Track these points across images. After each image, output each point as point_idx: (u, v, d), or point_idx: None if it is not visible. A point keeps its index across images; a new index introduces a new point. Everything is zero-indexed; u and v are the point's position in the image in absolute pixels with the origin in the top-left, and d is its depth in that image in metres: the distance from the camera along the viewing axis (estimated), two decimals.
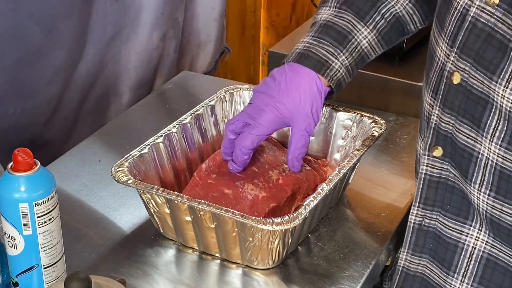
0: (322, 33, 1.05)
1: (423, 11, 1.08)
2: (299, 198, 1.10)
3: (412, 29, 1.10)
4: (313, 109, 1.03)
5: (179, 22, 1.61)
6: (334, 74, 1.04)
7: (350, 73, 1.07)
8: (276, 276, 1.01)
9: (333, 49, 1.04)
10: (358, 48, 1.06)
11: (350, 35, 1.05)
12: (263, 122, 1.03)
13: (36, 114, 1.35)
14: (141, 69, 1.56)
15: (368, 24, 1.05)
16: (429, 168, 0.95)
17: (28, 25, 1.24)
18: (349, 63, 1.05)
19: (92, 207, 1.15)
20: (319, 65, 1.03)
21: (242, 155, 1.05)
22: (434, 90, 0.94)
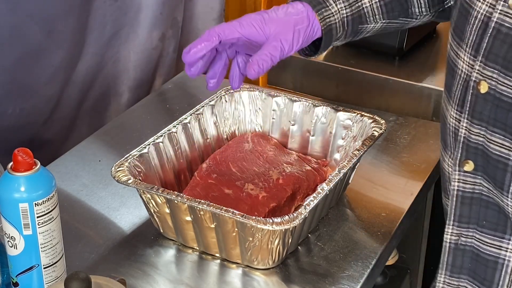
0: None
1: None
2: (299, 198, 1.10)
3: (416, 13, 1.06)
4: (296, 27, 0.96)
5: (178, 22, 1.61)
6: (327, 16, 0.99)
7: (344, 27, 1.01)
8: (276, 276, 1.01)
9: None
10: (359, 3, 1.02)
11: None
12: (245, 20, 0.96)
13: (35, 113, 1.35)
14: (140, 69, 1.55)
15: None
16: (461, 184, 0.92)
17: (27, 25, 1.24)
18: (346, 15, 1.01)
19: (92, 207, 1.15)
20: (315, 1, 0.99)
21: (206, 36, 0.93)
22: (459, 103, 0.91)
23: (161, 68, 1.61)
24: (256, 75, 0.93)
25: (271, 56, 0.94)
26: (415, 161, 1.26)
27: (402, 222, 1.12)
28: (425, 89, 1.49)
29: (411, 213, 1.18)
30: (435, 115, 1.49)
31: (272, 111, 1.22)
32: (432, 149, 1.29)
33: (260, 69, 0.93)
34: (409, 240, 1.39)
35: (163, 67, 1.61)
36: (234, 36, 0.95)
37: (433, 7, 1.06)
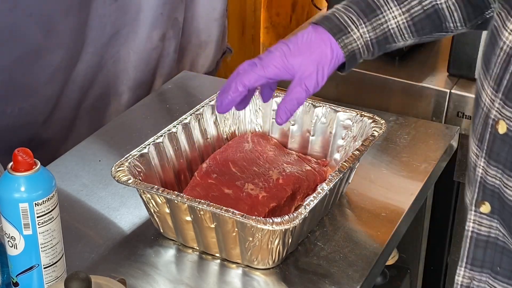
0: (353, 2, 1.00)
1: (466, 12, 1.00)
2: (299, 197, 1.10)
3: (452, 28, 1.01)
4: (320, 65, 0.97)
5: (179, 22, 1.61)
6: (349, 43, 0.98)
7: (370, 49, 1.00)
8: (276, 276, 1.01)
9: (356, 18, 0.98)
10: (384, 26, 0.99)
11: (378, 10, 0.98)
12: (268, 63, 0.98)
13: (34, 113, 1.34)
14: (140, 69, 1.55)
15: (402, 5, 0.98)
16: (476, 225, 0.86)
17: (26, 25, 1.24)
18: (370, 38, 0.99)
19: (92, 207, 1.15)
20: (336, 28, 0.98)
21: (234, 90, 0.97)
22: (479, 138, 0.85)
23: (161, 68, 1.61)
24: (285, 122, 0.98)
25: (297, 101, 0.97)
26: (415, 161, 1.26)
27: (402, 222, 1.12)
28: (425, 89, 1.49)
29: (411, 213, 1.18)
30: (435, 115, 1.49)
31: (272, 111, 1.22)
32: (432, 149, 1.30)
33: (288, 115, 0.98)
34: (409, 240, 1.39)
35: (163, 67, 1.61)
36: (260, 83, 0.99)
37: (469, 21, 1.01)
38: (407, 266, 1.46)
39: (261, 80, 0.98)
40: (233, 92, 0.98)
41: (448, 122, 1.48)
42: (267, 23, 2.16)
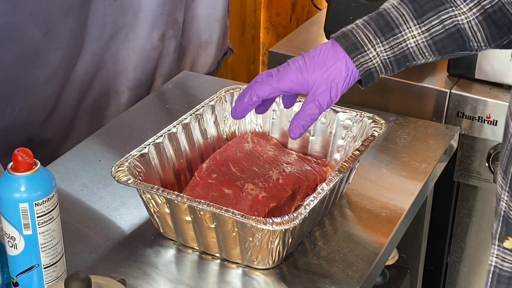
0: (372, 19, 0.99)
1: (490, 32, 0.97)
2: (299, 198, 1.09)
3: (475, 47, 0.99)
4: (333, 82, 0.98)
5: (179, 22, 1.61)
6: (365, 62, 0.98)
7: (388, 67, 0.99)
8: (276, 276, 1.01)
9: (373, 37, 0.98)
10: (402, 45, 0.98)
11: (397, 29, 0.97)
12: (283, 75, 0.99)
13: (34, 113, 1.34)
14: (139, 69, 1.55)
15: (423, 24, 0.97)
16: (500, 260, 0.85)
17: (26, 25, 1.24)
18: (388, 57, 0.98)
19: (92, 207, 1.15)
20: (352, 47, 0.98)
21: (248, 98, 1.00)
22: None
23: (161, 68, 1.61)
24: (299, 137, 1.01)
25: (310, 117, 0.99)
26: (415, 161, 1.26)
27: (402, 222, 1.12)
28: (425, 89, 1.49)
29: (411, 213, 1.18)
30: (435, 115, 1.49)
31: (272, 111, 1.22)
32: (432, 149, 1.29)
33: (302, 131, 1.00)
34: (409, 240, 1.39)
35: (163, 68, 1.61)
36: (275, 95, 1.01)
37: (494, 42, 0.99)
38: (407, 266, 1.46)
39: (276, 93, 1.00)
40: (247, 101, 1.01)
41: (448, 122, 1.48)
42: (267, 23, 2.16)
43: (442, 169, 1.32)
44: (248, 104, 1.01)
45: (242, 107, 1.02)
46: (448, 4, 0.97)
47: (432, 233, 1.51)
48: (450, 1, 0.97)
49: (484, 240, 1.59)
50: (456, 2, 0.96)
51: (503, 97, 1.44)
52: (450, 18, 0.97)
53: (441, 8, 0.97)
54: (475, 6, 0.96)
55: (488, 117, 1.44)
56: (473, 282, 1.64)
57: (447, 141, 1.33)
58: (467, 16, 0.96)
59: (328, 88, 0.98)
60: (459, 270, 1.64)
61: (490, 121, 1.44)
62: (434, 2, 0.97)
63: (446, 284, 1.67)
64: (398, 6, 0.98)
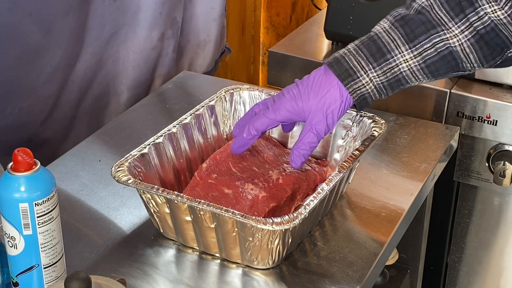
0: (364, 44, 1.00)
1: (483, 54, 0.98)
2: (299, 198, 1.09)
3: (469, 68, 1.00)
4: (329, 110, 1.00)
5: (178, 22, 1.61)
6: (358, 88, 1.00)
7: (382, 92, 1.01)
8: (276, 276, 1.01)
9: (365, 63, 0.99)
10: (395, 70, 0.99)
11: (389, 54, 0.99)
12: (279, 107, 1.02)
13: (33, 113, 1.34)
14: (139, 69, 1.55)
15: (414, 48, 0.98)
16: None
17: (25, 24, 1.24)
18: (381, 82, 1.00)
19: (92, 207, 1.15)
20: (345, 74, 1.00)
21: (247, 133, 1.04)
22: None
23: (160, 68, 1.61)
24: (300, 166, 1.05)
25: (310, 145, 1.02)
26: (415, 161, 1.26)
27: (402, 222, 1.12)
28: (425, 89, 1.49)
29: (411, 213, 1.18)
30: (435, 115, 1.49)
31: None
32: (432, 149, 1.29)
33: (303, 160, 1.04)
34: (409, 240, 1.39)
35: (162, 67, 1.61)
36: (272, 127, 1.05)
37: (487, 62, 1.00)
38: (407, 266, 1.46)
39: (274, 124, 1.04)
40: (246, 136, 1.05)
41: (448, 122, 1.48)
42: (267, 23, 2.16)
43: (442, 169, 1.32)
44: (247, 139, 1.05)
45: (242, 142, 1.06)
46: (439, 27, 0.97)
47: (432, 233, 1.51)
48: (442, 24, 0.97)
49: (484, 240, 1.59)
50: (448, 25, 0.97)
51: (503, 97, 1.44)
52: (442, 41, 0.97)
53: (433, 31, 0.97)
54: (467, 28, 0.96)
55: (488, 117, 1.44)
56: (473, 282, 1.64)
57: (447, 141, 1.33)
58: (459, 38, 0.97)
59: (324, 117, 1.01)
60: (459, 270, 1.64)
61: (490, 121, 1.44)
62: (426, 25, 0.98)
63: (446, 284, 1.67)
64: (389, 30, 0.99)
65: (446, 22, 0.97)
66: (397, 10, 1.01)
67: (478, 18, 0.96)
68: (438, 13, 0.97)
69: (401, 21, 0.99)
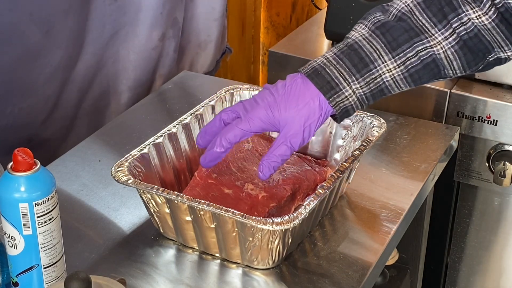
0: (344, 54, 0.96)
1: (466, 60, 0.96)
2: (299, 198, 1.09)
3: (450, 74, 0.98)
4: (307, 123, 0.96)
5: (179, 22, 1.61)
6: (341, 101, 0.96)
7: (364, 103, 0.97)
8: (276, 276, 1.01)
9: (348, 75, 0.95)
10: (378, 80, 0.96)
11: (372, 65, 0.95)
12: (252, 116, 0.96)
13: (33, 113, 1.34)
14: (140, 69, 1.55)
15: (398, 57, 0.95)
16: None
17: (26, 24, 1.24)
18: (364, 93, 0.96)
19: (92, 207, 1.15)
20: (328, 86, 0.95)
21: (219, 146, 0.97)
22: None
23: (161, 68, 1.61)
24: (268, 177, 0.97)
25: (281, 158, 0.96)
26: (415, 161, 1.26)
27: (402, 222, 1.12)
28: (425, 89, 1.49)
29: (411, 213, 1.18)
30: (435, 115, 1.49)
31: None
32: (432, 149, 1.30)
33: (272, 172, 0.97)
34: (409, 240, 1.39)
35: (163, 67, 1.61)
36: (245, 137, 0.98)
37: (470, 68, 0.98)
38: (407, 266, 1.46)
39: (248, 135, 0.97)
40: (218, 148, 0.97)
41: (448, 122, 1.48)
42: (267, 23, 2.16)
43: (442, 169, 1.32)
44: (219, 152, 0.98)
45: (213, 155, 0.98)
46: (422, 35, 0.95)
47: (432, 233, 1.51)
48: (424, 31, 0.95)
49: (484, 240, 1.59)
50: (431, 32, 0.95)
51: (503, 97, 1.44)
52: (425, 49, 0.95)
53: (416, 39, 0.95)
54: (450, 35, 0.94)
55: (488, 117, 1.44)
56: (473, 282, 1.64)
57: (447, 141, 1.33)
58: (442, 46, 0.95)
59: (301, 130, 0.96)
60: (459, 270, 1.64)
61: (490, 121, 1.45)
62: (409, 33, 0.95)
63: (446, 284, 1.67)
64: (370, 38, 0.96)
65: (429, 29, 0.95)
66: (374, 15, 0.97)
67: (461, 23, 0.94)
68: (420, 20, 0.95)
69: (382, 28, 0.95)
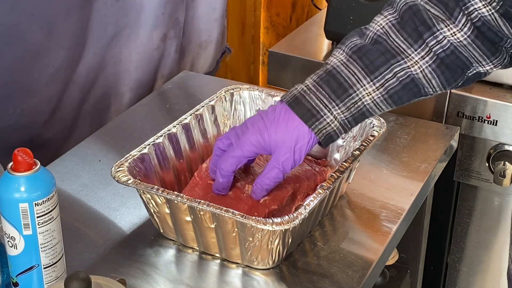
0: (323, 81, 0.97)
1: (445, 77, 0.96)
2: (299, 197, 1.10)
3: (431, 92, 0.98)
4: (297, 146, 0.98)
5: (180, 22, 1.61)
6: (323, 127, 0.97)
7: (346, 127, 0.99)
8: (276, 276, 1.01)
9: (328, 101, 0.96)
10: (358, 104, 0.96)
11: (351, 89, 0.96)
12: (244, 142, 1.00)
13: (35, 114, 1.35)
14: (141, 69, 1.55)
15: (376, 80, 0.96)
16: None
17: (28, 25, 1.24)
18: (346, 118, 0.97)
19: (92, 207, 1.15)
20: (308, 114, 0.97)
21: (221, 177, 1.02)
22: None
23: (162, 68, 1.61)
24: (261, 197, 1.03)
25: (274, 180, 1.01)
26: (415, 161, 1.26)
27: (402, 222, 1.12)
28: None
29: (411, 213, 1.18)
30: (435, 115, 1.49)
31: None
32: (432, 149, 1.30)
33: (264, 192, 1.03)
34: (409, 240, 1.39)
35: (164, 68, 1.61)
36: (242, 164, 1.02)
37: (449, 85, 0.98)
38: (407, 266, 1.46)
39: (242, 162, 1.02)
40: (222, 179, 1.03)
41: (448, 122, 1.48)
42: (267, 23, 2.16)
43: (442, 169, 1.32)
44: (225, 181, 1.03)
45: (221, 185, 1.04)
46: (399, 56, 0.95)
47: (432, 233, 1.51)
48: (401, 52, 0.95)
49: (484, 240, 1.59)
50: (407, 52, 0.95)
51: (503, 97, 1.44)
52: (403, 70, 0.95)
53: (393, 61, 0.95)
54: (427, 54, 0.95)
55: (488, 117, 1.44)
56: (473, 282, 1.64)
57: (447, 141, 1.33)
58: (420, 65, 0.95)
59: (292, 154, 0.99)
60: (459, 270, 1.64)
61: (490, 121, 1.45)
62: (385, 56, 0.95)
63: (446, 284, 1.67)
64: (347, 63, 0.97)
65: (405, 50, 0.95)
66: (351, 39, 0.98)
67: (436, 42, 0.94)
68: (396, 41, 0.95)
69: (359, 52, 0.96)
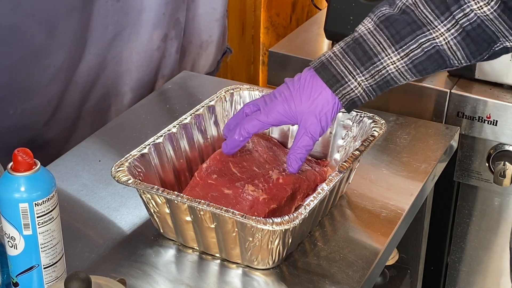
0: (350, 48, 1.00)
1: (470, 50, 0.97)
2: (299, 197, 1.10)
3: (456, 64, 0.99)
4: (322, 112, 1.01)
5: (181, 23, 1.61)
6: (347, 93, 1.00)
7: (371, 94, 1.01)
8: (276, 276, 1.01)
9: (352, 68, 0.99)
10: (383, 72, 0.99)
11: (376, 58, 0.98)
12: (271, 110, 1.03)
13: (36, 114, 1.35)
14: (142, 70, 1.55)
15: (401, 50, 0.98)
16: None
17: (28, 25, 1.24)
18: (370, 85, 1.00)
19: (92, 207, 1.15)
20: (333, 80, 1.00)
21: (238, 135, 1.04)
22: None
23: (163, 68, 1.61)
24: (297, 169, 1.06)
25: (306, 148, 1.03)
26: (415, 161, 1.26)
27: (402, 222, 1.12)
28: (425, 89, 1.49)
29: (411, 213, 1.18)
30: (435, 115, 1.49)
31: None
32: (432, 149, 1.30)
33: (300, 163, 1.05)
34: (409, 240, 1.39)
35: (165, 68, 1.62)
36: (264, 129, 1.05)
37: (474, 58, 0.99)
38: (407, 266, 1.46)
39: (265, 127, 1.04)
40: (238, 137, 1.05)
41: (448, 122, 1.48)
42: (267, 23, 2.16)
43: (442, 169, 1.32)
44: (239, 141, 1.06)
45: (233, 144, 1.07)
46: (425, 27, 0.97)
47: (432, 233, 1.51)
48: (427, 23, 0.97)
49: (484, 240, 1.59)
50: (434, 24, 0.96)
51: (503, 97, 1.44)
52: (428, 41, 0.97)
53: (419, 32, 0.97)
54: (453, 26, 0.96)
55: (488, 117, 1.44)
56: (473, 282, 1.64)
57: (447, 141, 1.33)
58: (445, 37, 0.96)
59: (318, 120, 1.01)
60: (459, 270, 1.64)
61: (490, 121, 1.45)
62: (411, 26, 0.97)
63: (446, 284, 1.67)
64: (374, 31, 0.99)
65: (432, 21, 0.96)
66: (381, 8, 1.00)
67: (464, 15, 0.95)
68: (423, 12, 0.97)
69: (386, 22, 0.98)
